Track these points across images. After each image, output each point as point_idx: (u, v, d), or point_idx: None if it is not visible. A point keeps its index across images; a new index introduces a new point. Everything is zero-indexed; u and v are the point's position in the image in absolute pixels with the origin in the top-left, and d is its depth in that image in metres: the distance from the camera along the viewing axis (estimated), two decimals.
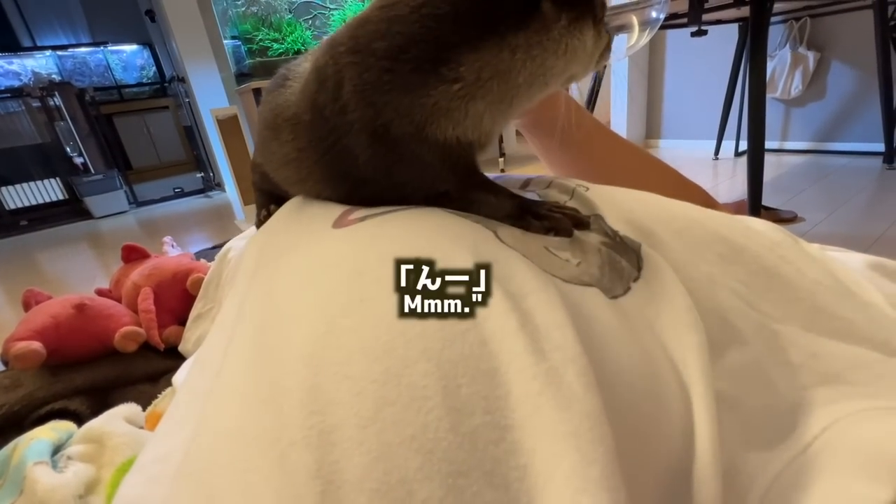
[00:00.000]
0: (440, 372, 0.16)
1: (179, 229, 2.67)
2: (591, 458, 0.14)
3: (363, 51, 0.24)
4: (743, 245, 0.27)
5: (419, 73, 0.24)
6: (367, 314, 0.19)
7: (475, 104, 0.24)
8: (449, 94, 0.24)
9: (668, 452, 0.17)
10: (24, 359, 0.47)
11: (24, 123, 3.55)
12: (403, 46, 0.23)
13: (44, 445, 0.29)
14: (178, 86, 3.64)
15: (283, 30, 1.76)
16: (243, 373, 0.20)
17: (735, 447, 0.19)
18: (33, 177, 3.50)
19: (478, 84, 0.24)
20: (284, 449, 0.16)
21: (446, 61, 0.23)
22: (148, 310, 0.57)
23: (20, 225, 3.30)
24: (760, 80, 1.03)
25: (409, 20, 0.23)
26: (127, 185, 3.68)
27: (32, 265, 2.32)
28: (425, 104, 0.24)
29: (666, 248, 0.26)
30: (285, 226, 0.32)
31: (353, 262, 0.22)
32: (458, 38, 0.23)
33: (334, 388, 0.17)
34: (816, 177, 1.83)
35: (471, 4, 0.23)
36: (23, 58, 4.06)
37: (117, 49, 4.33)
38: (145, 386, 0.54)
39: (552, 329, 0.17)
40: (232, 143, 2.03)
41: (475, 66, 0.23)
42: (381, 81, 0.24)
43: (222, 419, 0.19)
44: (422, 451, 0.15)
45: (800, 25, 2.02)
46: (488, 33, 0.23)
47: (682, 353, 0.20)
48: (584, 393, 0.15)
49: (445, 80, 0.24)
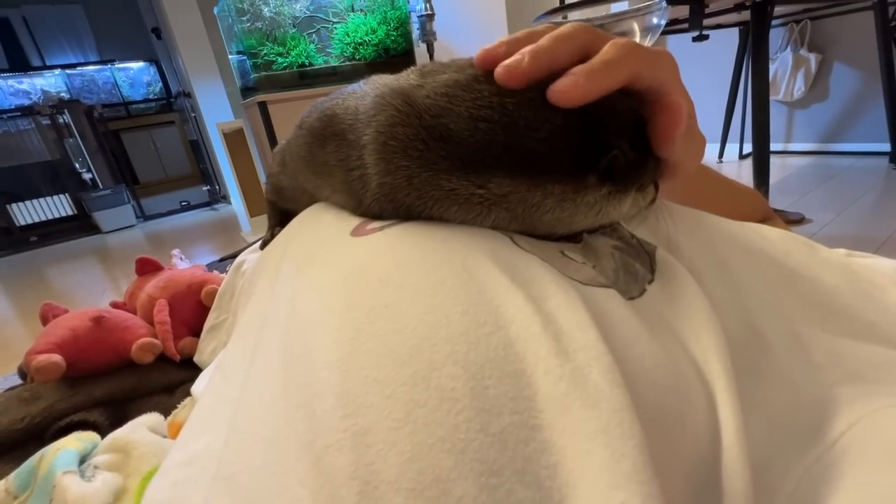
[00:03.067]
0: (467, 374, 0.17)
1: (186, 242, 2.69)
2: (620, 453, 0.14)
3: (404, 113, 0.24)
4: (761, 250, 0.27)
5: (446, 163, 0.23)
6: (392, 319, 0.19)
7: (498, 211, 0.24)
8: (470, 191, 0.23)
9: (695, 447, 0.17)
10: (45, 371, 0.47)
11: (34, 141, 3.62)
12: (445, 137, 0.23)
13: (71, 455, 0.30)
14: (184, 101, 3.70)
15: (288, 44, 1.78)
16: (272, 379, 0.21)
17: (761, 444, 0.19)
18: (43, 193, 3.55)
19: (502, 201, 0.23)
20: (320, 451, 0.16)
21: (478, 173, 0.23)
22: (164, 321, 0.58)
23: (30, 241, 3.35)
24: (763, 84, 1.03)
25: (462, 124, 0.22)
26: (134, 200, 3.73)
27: (42, 280, 2.34)
28: (439, 185, 0.23)
29: (682, 252, 0.26)
30: (302, 235, 0.33)
31: (375, 270, 0.22)
32: (500, 162, 0.22)
33: (364, 391, 0.17)
34: (823, 178, 1.83)
35: (521, 147, 0.22)
36: (32, 77, 4.14)
37: (124, 66, 4.41)
38: (162, 397, 0.54)
39: (575, 330, 0.18)
40: (238, 156, 2.05)
41: (504, 189, 0.23)
42: (407, 141, 0.23)
43: (254, 424, 0.19)
44: (454, 451, 0.15)
45: (800, 28, 2.03)
46: (529, 172, 0.22)
47: (702, 351, 0.20)
48: (610, 390, 0.16)
49: (472, 182, 0.23)
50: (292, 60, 1.79)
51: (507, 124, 0.22)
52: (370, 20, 1.92)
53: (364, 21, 1.91)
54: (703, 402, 0.19)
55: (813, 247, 0.29)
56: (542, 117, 0.22)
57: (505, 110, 0.22)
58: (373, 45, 1.93)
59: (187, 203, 3.90)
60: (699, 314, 0.22)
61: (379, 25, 1.94)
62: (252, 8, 1.69)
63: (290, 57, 1.78)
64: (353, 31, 1.90)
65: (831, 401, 0.21)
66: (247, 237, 2.25)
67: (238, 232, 2.55)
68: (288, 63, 1.78)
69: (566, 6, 1.23)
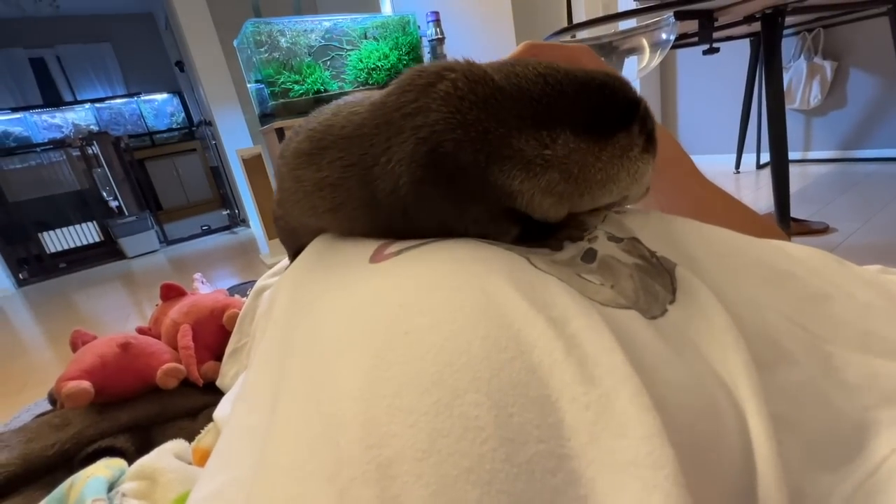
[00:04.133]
0: (490, 401, 0.17)
1: (207, 265, 2.75)
2: (652, 484, 0.14)
3: (478, 73, 0.25)
4: (786, 270, 0.27)
5: (518, 120, 0.25)
6: (412, 346, 0.19)
7: (552, 173, 0.25)
8: (535, 151, 0.25)
9: (729, 472, 0.17)
10: (75, 398, 0.49)
11: (64, 172, 3.79)
12: (516, 95, 0.25)
13: (100, 483, 0.30)
14: (205, 129, 3.83)
15: (304, 72, 1.84)
16: (296, 409, 0.21)
17: (798, 468, 0.18)
18: (72, 221, 3.70)
19: (563, 161, 0.25)
20: (345, 484, 0.16)
21: (548, 128, 0.25)
22: (187, 346, 0.59)
23: (59, 267, 3.46)
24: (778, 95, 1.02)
25: (532, 79, 0.25)
26: (158, 225, 3.84)
27: (70, 306, 2.41)
28: (509, 144, 0.25)
29: (705, 272, 0.26)
30: (319, 263, 0.32)
31: (394, 296, 0.22)
32: (568, 118, 0.25)
33: (388, 420, 0.17)
34: (846, 185, 1.78)
35: (585, 99, 0.26)
36: (64, 111, 4.37)
37: (150, 98, 4.62)
38: (185, 422, 0.55)
39: (600, 353, 0.17)
40: (256, 180, 2.11)
41: (569, 147, 0.25)
42: (485, 97, 0.25)
43: (280, 456, 0.19)
44: (479, 482, 0.15)
45: (813, 36, 2.02)
46: (589, 130, 0.25)
47: (729, 372, 0.19)
48: (638, 416, 0.15)
49: (540, 140, 0.25)
50: (308, 87, 1.84)
51: (570, 77, 0.25)
52: (382, 46, 1.98)
53: (376, 47, 1.97)
54: (735, 426, 0.18)
55: (843, 264, 0.28)
56: (587, 73, 0.26)
57: (560, 67, 0.26)
58: (385, 69, 1.99)
59: (208, 227, 3.99)
60: (724, 334, 0.22)
61: (391, 51, 2.00)
62: (270, 39, 1.76)
63: (305, 84, 1.84)
64: (366, 57, 1.96)
65: (870, 424, 0.20)
66: (265, 259, 2.29)
67: (256, 254, 2.60)
68: (304, 90, 1.84)
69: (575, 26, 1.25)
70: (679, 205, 0.43)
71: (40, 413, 0.58)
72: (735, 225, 0.32)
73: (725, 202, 0.45)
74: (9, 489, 0.43)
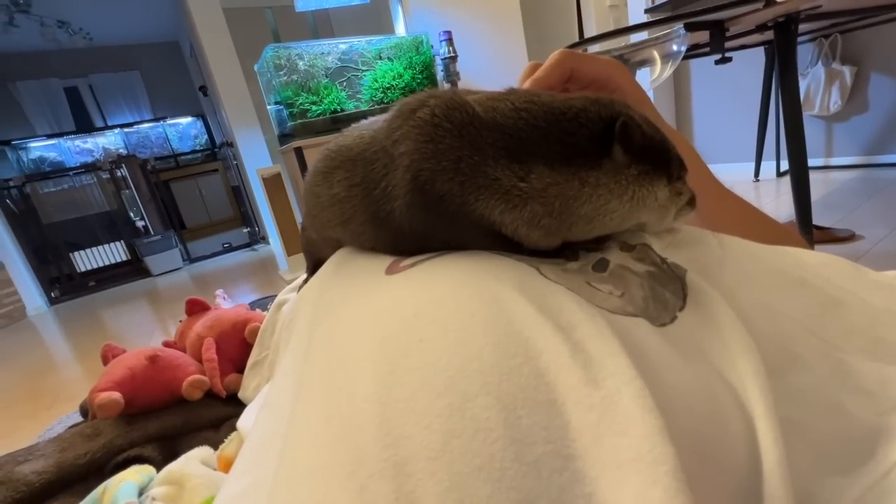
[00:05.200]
0: (500, 404, 0.17)
1: (229, 282, 2.81)
2: (652, 479, 0.14)
3: (457, 101, 0.26)
4: (799, 277, 0.26)
5: (493, 149, 0.25)
6: (426, 353, 0.20)
7: (534, 206, 0.25)
8: (511, 182, 0.25)
9: (734, 475, 0.17)
10: (107, 408, 0.51)
11: (95, 194, 3.96)
12: (492, 127, 0.25)
13: (132, 487, 0.32)
14: (227, 150, 3.96)
15: (321, 93, 1.90)
16: (315, 413, 0.22)
17: (807, 472, 0.18)
18: (101, 241, 3.85)
19: (542, 195, 0.25)
20: (363, 481, 0.17)
21: (521, 162, 0.24)
22: (211, 359, 0.61)
23: (89, 285, 3.59)
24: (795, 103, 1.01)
25: (508, 114, 0.25)
26: (181, 244, 3.96)
27: (98, 323, 2.49)
28: (485, 172, 0.25)
29: (716, 278, 0.26)
30: (337, 276, 0.34)
31: (408, 306, 0.23)
32: (541, 151, 0.25)
33: (402, 422, 0.18)
34: (871, 191, 1.73)
35: (559, 131, 0.25)
36: (95, 136, 4.60)
37: (175, 122, 4.83)
38: (209, 432, 0.57)
39: (605, 357, 0.18)
40: (276, 199, 2.17)
41: (544, 181, 0.24)
42: (461, 124, 0.25)
43: (300, 456, 0.20)
44: (490, 480, 0.16)
45: (830, 42, 1.99)
46: (566, 162, 0.25)
47: (738, 378, 0.20)
48: (641, 415, 0.16)
49: (514, 172, 0.25)
50: (325, 108, 1.90)
51: (545, 109, 0.25)
52: (397, 66, 2.03)
53: (391, 67, 2.02)
54: (742, 430, 0.18)
55: (858, 269, 0.28)
56: (567, 102, 0.25)
57: (539, 100, 0.25)
58: (400, 88, 2.04)
59: (229, 245, 4.10)
60: (734, 340, 0.22)
61: (405, 70, 2.05)
62: (288, 63, 1.83)
63: (323, 105, 1.90)
64: (381, 76, 2.01)
65: (882, 429, 0.20)
66: (284, 276, 2.33)
67: (276, 271, 2.65)
68: (321, 110, 1.90)
69: (586, 40, 1.26)
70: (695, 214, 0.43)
71: (73, 424, 0.61)
72: (755, 234, 0.32)
73: (744, 211, 0.44)
74: (45, 495, 0.45)
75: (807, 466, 0.18)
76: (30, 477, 0.45)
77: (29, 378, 1.68)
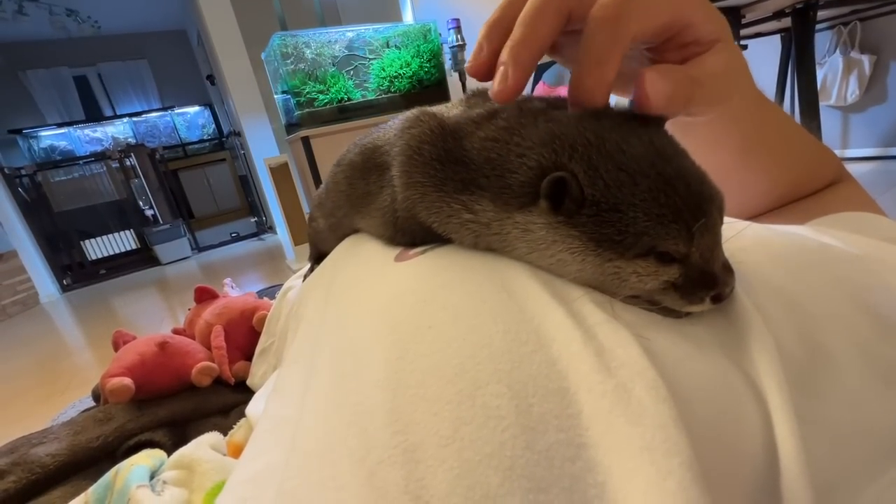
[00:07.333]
0: (511, 392, 0.17)
1: (236, 271, 2.84)
2: (666, 470, 0.14)
3: (441, 129, 0.26)
4: (819, 260, 0.25)
5: (452, 184, 0.24)
6: (436, 339, 0.20)
7: (485, 240, 0.24)
8: (463, 216, 0.24)
9: (751, 466, 0.17)
10: (118, 393, 0.51)
11: (104, 183, 4.00)
12: (460, 159, 0.24)
13: (143, 471, 0.32)
14: (234, 139, 3.97)
15: (328, 82, 1.89)
16: (325, 398, 0.22)
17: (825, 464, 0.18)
18: (111, 229, 3.90)
19: (488, 229, 0.24)
20: (373, 467, 0.17)
21: (470, 192, 0.24)
22: (220, 346, 0.62)
23: (99, 273, 3.64)
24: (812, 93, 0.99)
25: (474, 145, 0.24)
26: (190, 233, 4.00)
27: (109, 311, 2.53)
28: (450, 206, 0.24)
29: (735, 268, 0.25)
30: (348, 262, 0.34)
31: (418, 292, 0.23)
32: (489, 184, 0.23)
33: (412, 409, 0.18)
34: (890, 183, 1.69)
35: (506, 171, 0.22)
36: (104, 126, 4.63)
37: (182, 111, 4.84)
38: (218, 418, 0.57)
39: (616, 346, 0.18)
40: (283, 188, 2.17)
41: (489, 215, 0.23)
42: (431, 158, 0.25)
43: (311, 441, 0.20)
44: (501, 467, 0.16)
45: (849, 30, 1.94)
46: (505, 196, 0.22)
47: (754, 368, 0.19)
48: (654, 406, 0.16)
49: (465, 205, 0.24)
50: (332, 97, 1.89)
51: (504, 142, 0.22)
52: (404, 54, 2.01)
53: (398, 55, 2.00)
54: (758, 421, 0.18)
55: None
56: (525, 136, 0.21)
57: (507, 128, 0.22)
58: (407, 77, 2.02)
59: (237, 234, 4.13)
60: (750, 330, 0.21)
61: (413, 59, 2.03)
62: (295, 51, 1.82)
63: (330, 94, 1.89)
64: (389, 65, 1.99)
65: None
66: (291, 265, 2.35)
67: (283, 260, 2.67)
68: (328, 99, 1.89)
69: None
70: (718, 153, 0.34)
71: (85, 409, 0.62)
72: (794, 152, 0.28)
73: (786, 126, 0.38)
74: (59, 477, 0.46)
75: (825, 458, 0.18)
76: (44, 459, 0.46)
77: (43, 363, 1.71)
